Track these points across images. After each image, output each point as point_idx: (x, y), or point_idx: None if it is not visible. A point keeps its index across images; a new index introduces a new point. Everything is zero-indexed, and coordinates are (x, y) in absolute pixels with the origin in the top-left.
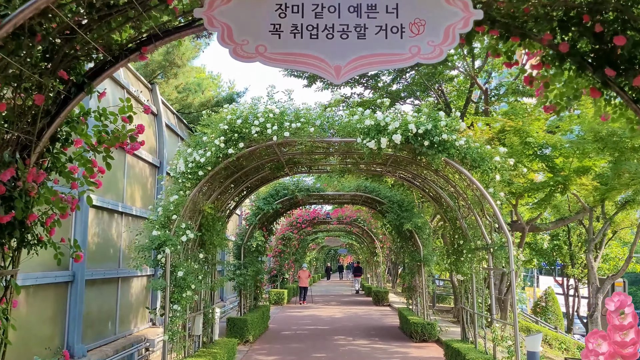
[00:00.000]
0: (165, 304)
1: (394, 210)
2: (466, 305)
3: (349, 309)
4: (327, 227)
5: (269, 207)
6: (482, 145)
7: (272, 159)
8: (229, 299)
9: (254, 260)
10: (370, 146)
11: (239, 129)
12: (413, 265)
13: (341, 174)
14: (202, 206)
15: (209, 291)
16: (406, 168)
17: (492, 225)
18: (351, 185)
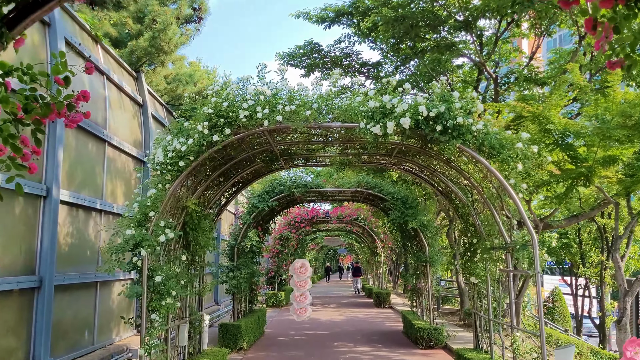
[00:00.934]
0: (142, 314)
1: (397, 208)
2: (479, 310)
3: (350, 312)
4: (326, 226)
5: (264, 204)
6: (502, 131)
7: (265, 149)
8: (224, 302)
9: (248, 261)
10: (375, 131)
11: (225, 113)
12: (418, 266)
13: (341, 166)
14: (186, 202)
15: (196, 297)
16: (413, 159)
17: (511, 222)
18: (352, 181)
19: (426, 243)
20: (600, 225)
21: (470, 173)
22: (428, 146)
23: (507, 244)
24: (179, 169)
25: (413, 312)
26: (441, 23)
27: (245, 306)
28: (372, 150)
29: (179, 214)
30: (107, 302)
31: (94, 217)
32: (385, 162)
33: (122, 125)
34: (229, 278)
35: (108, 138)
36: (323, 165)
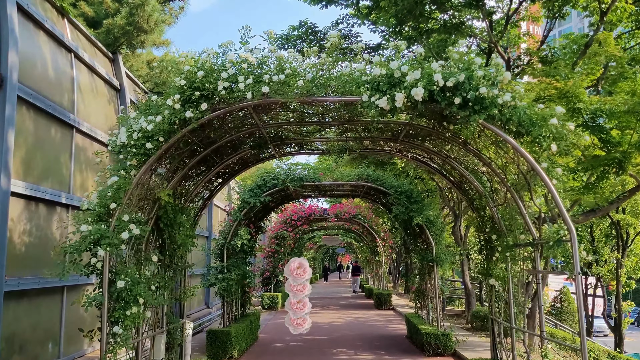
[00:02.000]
0: (102, 326)
1: (401, 202)
2: (497, 315)
3: (349, 314)
4: (324, 224)
5: (255, 200)
6: (532, 105)
7: (252, 131)
8: (216, 305)
9: (239, 262)
10: (381, 105)
11: (200, 84)
12: (423, 266)
13: (340, 153)
14: (158, 193)
15: (175, 303)
16: (423, 144)
17: (541, 214)
18: (351, 174)
19: (432, 241)
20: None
21: (491, 157)
22: (443, 125)
23: (535, 240)
24: (146, 153)
25: (418, 316)
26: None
27: (237, 310)
28: (375, 134)
29: (151, 207)
30: (77, 309)
31: (58, 212)
32: (390, 149)
33: (94, 110)
34: (217, 280)
35: (76, 124)
36: (319, 152)
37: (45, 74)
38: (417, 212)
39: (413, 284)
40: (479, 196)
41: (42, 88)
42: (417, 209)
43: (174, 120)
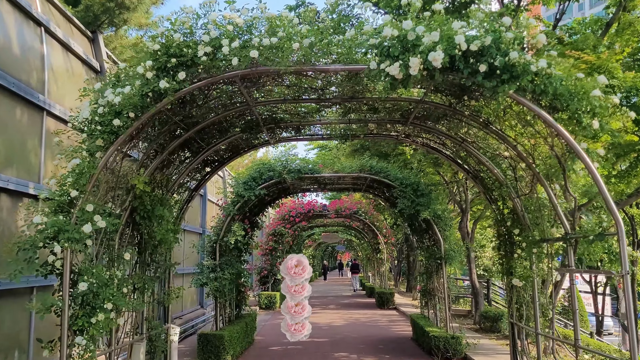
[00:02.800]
0: (62, 337)
1: (407, 196)
2: (519, 320)
3: (351, 314)
4: (324, 221)
5: (250, 193)
6: (569, 73)
7: (241, 110)
8: (211, 305)
9: (233, 260)
10: (392, 73)
11: (177, 49)
12: (430, 264)
13: (342, 139)
14: (132, 180)
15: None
16: (435, 127)
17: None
18: (353, 166)
19: (440, 237)
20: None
21: (517, 140)
22: (462, 101)
23: (569, 234)
24: (113, 131)
25: (424, 317)
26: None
27: (232, 311)
28: (382, 115)
29: (122, 196)
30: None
31: (25, 204)
32: (398, 134)
33: (70, 92)
34: (209, 280)
35: (47, 106)
36: (318, 138)
37: (8, 47)
38: (424, 206)
39: (419, 283)
40: (498, 186)
41: (4, 63)
42: (424, 203)
43: (146, 92)
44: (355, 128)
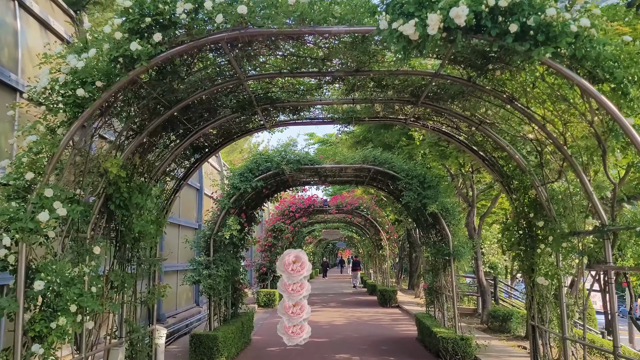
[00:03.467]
0: (15, 345)
1: (413, 188)
2: (539, 322)
3: (352, 313)
4: (324, 217)
5: (246, 185)
6: (615, 35)
7: (231, 86)
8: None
9: (228, 256)
10: (407, 32)
11: (152, 6)
12: (437, 261)
13: (345, 122)
14: (104, 163)
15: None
16: (450, 107)
17: (616, 191)
18: (355, 156)
19: (449, 232)
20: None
21: (546, 116)
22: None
23: (606, 225)
24: (77, 104)
25: (430, 316)
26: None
27: (227, 310)
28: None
29: (94, 180)
30: None
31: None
32: (406, 117)
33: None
34: (202, 277)
35: (20, 87)
36: (319, 122)
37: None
38: (431, 198)
39: (425, 280)
40: (519, 173)
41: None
42: (432, 196)
43: (116, 56)
44: (360, 110)
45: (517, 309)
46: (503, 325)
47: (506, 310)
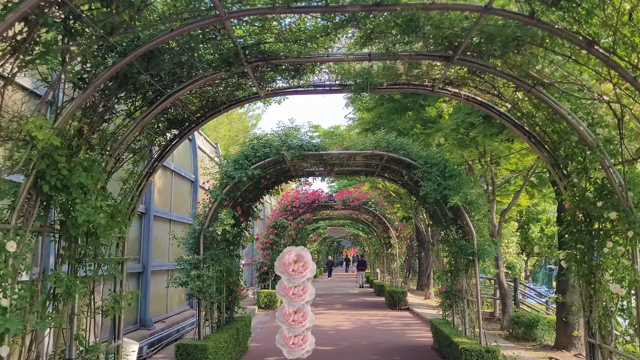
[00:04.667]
0: None
1: (432, 177)
2: (602, 338)
3: (359, 316)
4: (330, 213)
5: (241, 173)
6: None
7: (208, 26)
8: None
9: (220, 254)
10: None
11: None
12: (458, 261)
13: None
14: (27, 126)
15: (101, 318)
16: (494, 64)
17: None
18: (366, 142)
19: (473, 228)
20: None
21: (614, 78)
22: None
23: None
24: None
25: (447, 322)
26: None
27: (220, 315)
28: (419, 48)
29: (21, 153)
30: None
31: None
32: (433, 84)
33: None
34: (190, 278)
35: None
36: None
37: None
38: (453, 190)
39: (442, 283)
40: (580, 150)
41: None
42: (454, 186)
43: None
44: (377, 72)
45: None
46: (528, 333)
47: (531, 316)
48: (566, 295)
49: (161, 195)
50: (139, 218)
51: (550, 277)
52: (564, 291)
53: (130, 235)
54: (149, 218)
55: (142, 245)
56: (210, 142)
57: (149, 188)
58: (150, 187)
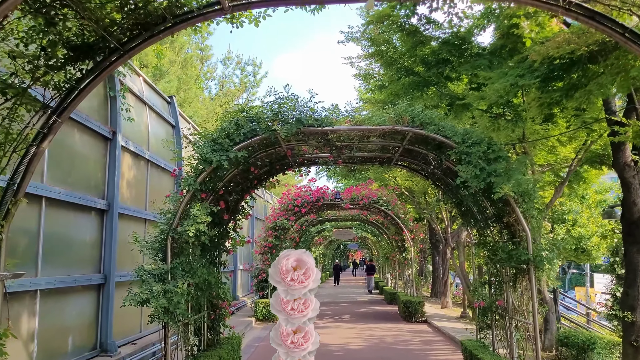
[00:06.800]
0: None
1: (472, 160)
2: None
3: (371, 330)
4: (336, 213)
5: (221, 155)
6: None
7: None
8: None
9: (195, 262)
10: None
11: None
12: (501, 271)
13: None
14: None
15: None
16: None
17: None
18: (384, 115)
19: (527, 227)
20: None
21: None
22: None
23: None
24: None
25: (484, 346)
26: None
27: (201, 338)
28: None
29: None
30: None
31: None
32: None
33: None
34: (152, 295)
35: None
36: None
37: None
38: (502, 176)
39: (478, 297)
40: None
41: None
42: (501, 172)
43: None
44: None
45: (596, 333)
46: (580, 356)
47: (584, 336)
48: (636, 313)
49: (132, 189)
50: (99, 216)
51: (569, 282)
52: (633, 308)
53: (86, 237)
54: (113, 216)
55: (104, 250)
56: (196, 127)
57: (112, 179)
58: (114, 178)
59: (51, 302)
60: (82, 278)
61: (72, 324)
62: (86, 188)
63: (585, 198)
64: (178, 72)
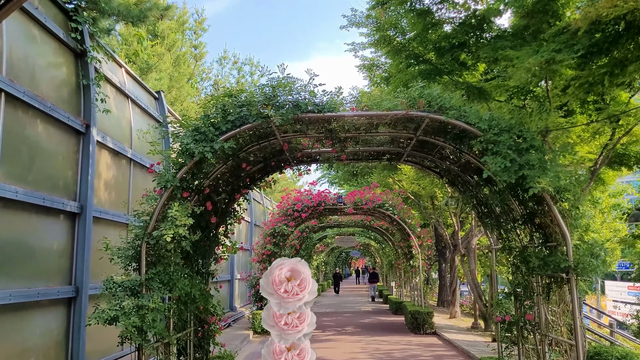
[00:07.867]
0: None
1: (501, 150)
2: None
3: (377, 343)
4: (338, 219)
5: (205, 147)
6: None
7: None
8: None
9: (176, 272)
10: None
11: None
12: (532, 281)
13: None
14: None
15: None
16: None
17: None
18: (396, 100)
19: (566, 230)
20: None
21: None
22: None
23: None
24: None
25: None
26: None
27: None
28: None
29: None
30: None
31: None
32: None
33: None
34: (122, 312)
35: None
36: None
37: None
38: (537, 169)
39: (502, 311)
40: None
41: None
42: (536, 164)
43: None
44: None
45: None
46: None
47: (619, 353)
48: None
49: (111, 190)
50: (70, 220)
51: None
52: None
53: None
54: (86, 220)
55: (76, 259)
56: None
57: (85, 178)
58: (87, 177)
59: (7, 321)
60: (48, 291)
61: (35, 345)
62: (52, 188)
63: (598, 202)
64: (170, 69)
